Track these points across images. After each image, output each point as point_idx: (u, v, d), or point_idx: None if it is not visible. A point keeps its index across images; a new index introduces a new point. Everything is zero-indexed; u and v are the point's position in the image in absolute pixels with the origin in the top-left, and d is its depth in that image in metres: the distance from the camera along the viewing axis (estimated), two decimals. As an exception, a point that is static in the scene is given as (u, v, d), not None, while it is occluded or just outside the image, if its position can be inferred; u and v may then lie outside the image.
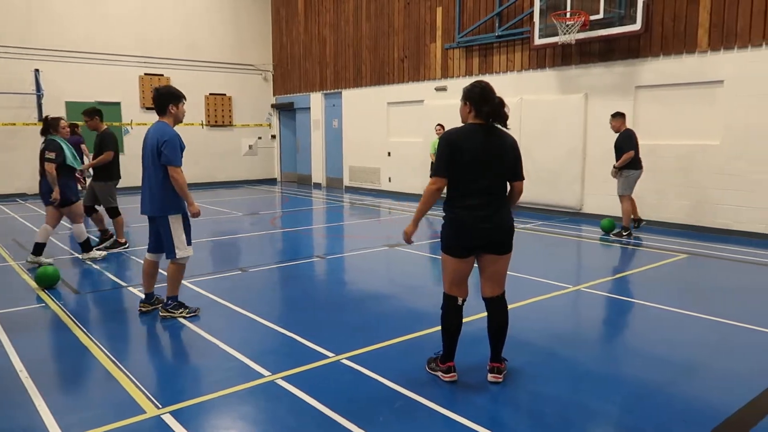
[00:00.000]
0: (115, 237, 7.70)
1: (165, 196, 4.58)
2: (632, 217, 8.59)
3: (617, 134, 8.28)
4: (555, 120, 10.31)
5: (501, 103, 3.41)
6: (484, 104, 3.38)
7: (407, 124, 13.56)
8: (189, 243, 4.73)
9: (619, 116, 8.29)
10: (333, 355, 3.97)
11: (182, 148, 4.61)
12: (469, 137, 3.39)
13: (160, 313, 4.78)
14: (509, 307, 3.67)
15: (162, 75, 15.63)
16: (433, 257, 7.28)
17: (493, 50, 11.52)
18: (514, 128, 11.03)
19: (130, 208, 10.05)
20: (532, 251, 7.53)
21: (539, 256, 7.41)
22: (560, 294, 5.50)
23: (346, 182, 15.61)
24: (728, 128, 8.38)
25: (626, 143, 8.10)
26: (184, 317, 4.72)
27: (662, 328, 4.61)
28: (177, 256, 4.67)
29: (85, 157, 13.76)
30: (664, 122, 9.05)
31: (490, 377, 3.56)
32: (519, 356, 3.92)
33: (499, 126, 3.47)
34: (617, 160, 8.19)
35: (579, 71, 10.01)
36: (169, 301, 4.77)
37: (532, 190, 10.84)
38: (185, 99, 4.75)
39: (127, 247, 7.62)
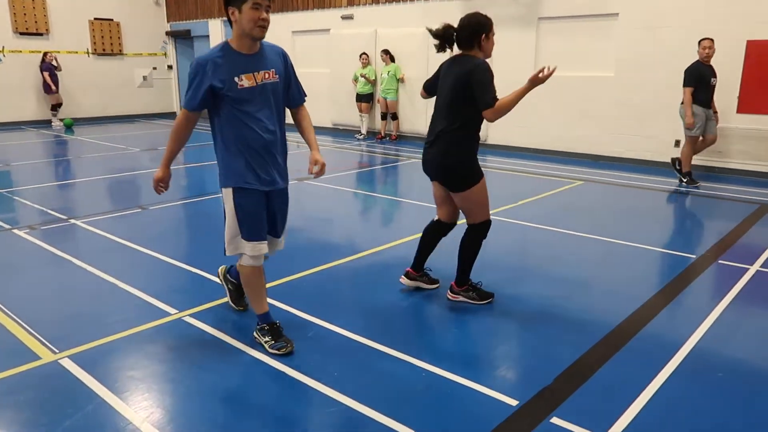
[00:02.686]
0: None
1: (217, 159, 3.01)
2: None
3: (707, 64, 7.18)
4: (462, 51, 10.32)
5: (450, 27, 3.48)
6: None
7: (314, 54, 13.08)
8: (246, 235, 2.97)
9: None
10: (243, 289, 3.89)
11: (205, 82, 2.80)
12: (442, 67, 3.57)
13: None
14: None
15: (36, -5, 13.95)
16: (342, 190, 7.24)
17: (400, -23, 11.20)
18: (420, 60, 10.97)
19: None
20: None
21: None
22: (467, 221, 5.68)
23: (252, 116, 14.99)
24: (621, 60, 8.79)
25: None
26: (274, 353, 3.03)
27: (559, 249, 4.91)
28: (225, 252, 3.07)
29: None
30: (565, 54, 9.32)
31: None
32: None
33: (470, 54, 3.41)
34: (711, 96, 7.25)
35: (485, 1, 10.00)
36: (258, 321, 3.17)
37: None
38: (244, 3, 2.74)
39: None
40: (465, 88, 3.29)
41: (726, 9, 7.80)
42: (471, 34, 3.39)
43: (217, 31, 15.27)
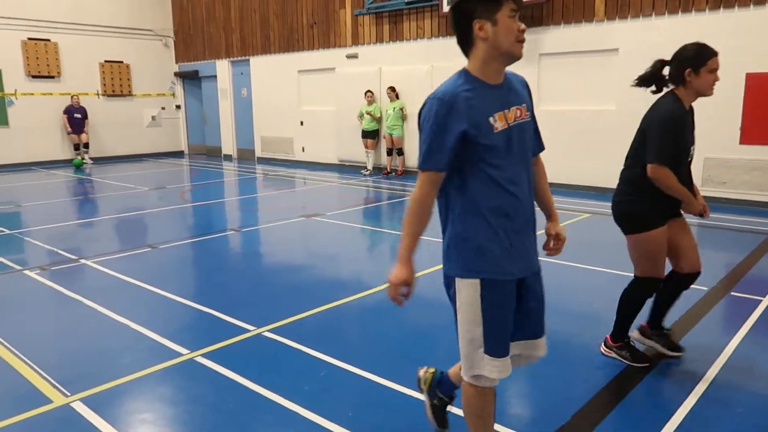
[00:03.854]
0: None
1: (449, 236, 2.20)
2: None
3: None
4: (465, 87, 10.50)
5: (658, 63, 3.30)
6: None
7: (319, 92, 13.31)
8: (491, 349, 2.09)
9: None
10: (254, 328, 3.89)
11: (455, 128, 1.96)
12: None
13: None
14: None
15: (49, 40, 14.32)
16: (348, 225, 7.26)
17: (402, 17, 11.47)
18: (423, 96, 11.12)
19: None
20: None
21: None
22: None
23: (258, 153, 15.18)
24: (622, 94, 8.88)
25: None
26: None
27: (568, 283, 4.89)
28: (462, 373, 2.19)
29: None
30: (566, 89, 9.46)
31: None
32: (427, 318, 4.02)
33: (674, 92, 3.19)
34: None
35: (487, 39, 10.22)
36: None
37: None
38: (499, 11, 1.95)
39: None
40: (643, 132, 3.11)
41: (724, 42, 7.90)
42: (676, 69, 3.13)
43: (224, 71, 15.59)
